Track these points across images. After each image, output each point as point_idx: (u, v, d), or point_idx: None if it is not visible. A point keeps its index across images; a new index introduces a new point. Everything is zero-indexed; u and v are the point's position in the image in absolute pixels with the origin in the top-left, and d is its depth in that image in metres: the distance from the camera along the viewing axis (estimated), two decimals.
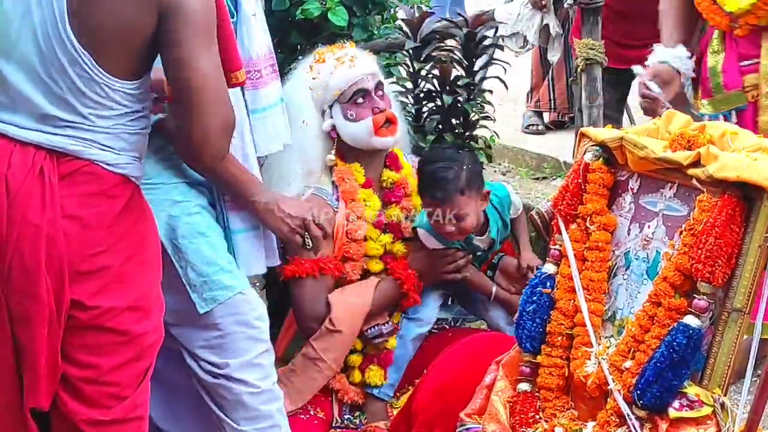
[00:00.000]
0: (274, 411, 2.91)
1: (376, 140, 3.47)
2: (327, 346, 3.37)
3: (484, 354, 3.14)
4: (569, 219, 2.76)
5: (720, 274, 2.40)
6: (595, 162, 2.73)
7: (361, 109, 3.45)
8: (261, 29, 2.90)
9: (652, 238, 2.63)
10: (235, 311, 2.83)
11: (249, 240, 2.93)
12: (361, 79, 3.45)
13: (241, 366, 2.84)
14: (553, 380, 2.72)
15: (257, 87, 2.88)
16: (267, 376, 2.89)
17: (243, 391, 2.84)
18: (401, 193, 3.59)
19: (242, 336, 2.84)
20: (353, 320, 3.39)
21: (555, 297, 2.76)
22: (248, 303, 2.85)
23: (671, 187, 2.61)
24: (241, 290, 2.84)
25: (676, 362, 2.42)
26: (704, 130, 2.59)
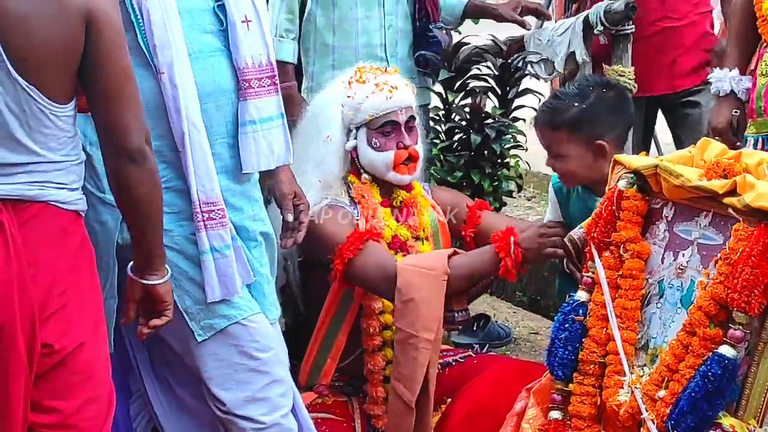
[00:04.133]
0: None
1: (393, 175, 3.48)
2: (410, 319, 3.21)
3: (512, 381, 3.13)
4: (602, 246, 2.74)
5: (756, 304, 2.38)
6: (629, 189, 2.72)
7: (387, 140, 3.46)
8: (257, 39, 2.77)
9: (687, 267, 2.61)
10: (234, 341, 2.77)
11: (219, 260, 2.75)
12: (395, 111, 3.45)
13: (245, 402, 2.79)
14: (585, 408, 2.70)
15: (246, 98, 2.76)
16: (273, 410, 2.83)
17: (248, 427, 2.80)
18: (410, 212, 3.58)
19: (243, 368, 2.78)
20: (424, 284, 3.24)
21: (588, 325, 2.74)
22: (249, 333, 2.78)
23: (706, 216, 2.59)
24: (241, 319, 2.77)
25: (711, 392, 2.39)
26: (740, 158, 2.57)
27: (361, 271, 3.31)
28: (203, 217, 2.66)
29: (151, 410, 2.96)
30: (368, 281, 3.33)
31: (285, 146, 2.86)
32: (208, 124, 2.69)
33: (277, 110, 2.83)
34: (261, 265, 2.87)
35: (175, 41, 2.63)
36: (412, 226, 3.56)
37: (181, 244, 2.71)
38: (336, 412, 3.56)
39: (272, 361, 2.84)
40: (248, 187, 2.85)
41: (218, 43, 2.73)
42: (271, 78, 2.79)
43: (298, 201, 3.11)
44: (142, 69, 2.60)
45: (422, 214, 3.60)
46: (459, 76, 4.04)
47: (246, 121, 2.76)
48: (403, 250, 3.53)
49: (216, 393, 2.80)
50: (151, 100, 2.61)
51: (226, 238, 2.68)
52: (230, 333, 2.76)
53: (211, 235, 2.66)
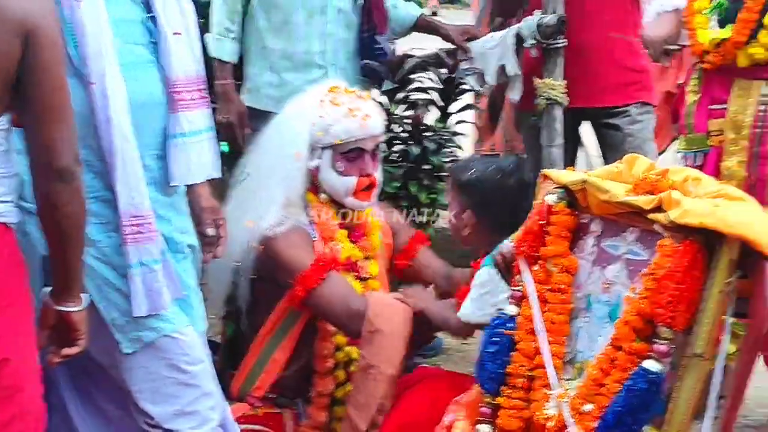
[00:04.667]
0: None
1: (351, 201, 3.48)
2: (375, 350, 3.22)
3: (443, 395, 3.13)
4: (531, 260, 2.77)
5: (681, 319, 2.41)
6: (557, 204, 2.75)
7: (351, 165, 3.45)
8: (186, 51, 2.75)
9: (614, 282, 2.64)
10: (163, 354, 2.72)
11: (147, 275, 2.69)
12: (365, 140, 3.45)
13: (173, 416, 2.74)
14: (513, 422, 2.71)
15: (176, 111, 2.72)
16: (203, 423, 2.78)
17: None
18: (361, 233, 3.57)
19: (172, 381, 2.73)
20: (394, 319, 3.26)
21: (516, 338, 2.75)
22: (179, 346, 2.73)
23: (633, 231, 2.62)
24: (170, 332, 2.72)
25: (636, 407, 2.42)
26: (666, 174, 2.61)
27: (323, 302, 3.31)
28: (132, 230, 2.62)
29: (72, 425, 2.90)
30: (330, 313, 3.33)
31: (213, 159, 2.83)
32: (138, 136, 2.65)
33: (206, 123, 2.80)
34: (189, 277, 2.84)
35: (106, 52, 2.59)
36: (363, 247, 3.56)
37: (109, 255, 2.67)
38: (268, 424, 3.53)
39: (202, 375, 2.80)
40: (176, 199, 2.81)
41: (149, 55, 2.70)
42: (200, 91, 2.77)
43: (216, 215, 3.09)
44: (73, 79, 2.56)
45: (373, 235, 3.60)
46: (402, 88, 4.04)
47: (176, 134, 2.72)
48: (354, 270, 3.52)
49: (144, 407, 2.75)
50: (81, 110, 2.56)
51: (154, 253, 2.65)
52: (159, 346, 2.72)
53: (139, 249, 2.63)
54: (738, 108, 3.58)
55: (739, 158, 3.58)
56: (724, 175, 3.59)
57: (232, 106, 4.16)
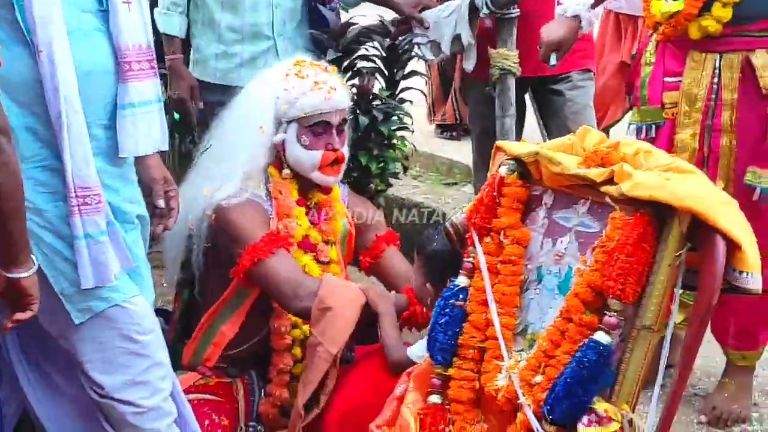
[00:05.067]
0: (163, 428, 2.80)
1: (317, 175, 3.45)
2: (322, 328, 3.20)
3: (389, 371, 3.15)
4: (483, 232, 2.76)
5: (631, 292, 2.42)
6: (509, 176, 2.74)
7: (317, 139, 3.43)
8: (136, 20, 2.70)
9: (565, 254, 2.64)
10: (113, 324, 2.70)
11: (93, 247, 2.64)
12: (330, 113, 3.42)
13: (124, 385, 2.73)
14: (464, 393, 2.72)
15: (126, 81, 2.68)
16: (154, 393, 2.78)
17: (127, 411, 2.74)
18: (324, 215, 3.55)
19: (123, 351, 2.71)
20: (345, 298, 3.25)
21: (468, 310, 2.76)
22: (129, 316, 2.71)
23: (584, 204, 2.62)
24: (120, 302, 2.69)
25: (585, 378, 2.43)
26: (618, 147, 2.61)
27: (269, 274, 3.27)
28: (78, 201, 2.58)
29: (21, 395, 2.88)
30: (275, 287, 3.29)
31: (161, 131, 2.79)
32: (86, 106, 2.61)
33: (155, 95, 2.76)
34: (138, 248, 2.81)
35: (54, 19, 2.54)
36: (324, 230, 3.54)
37: (56, 225, 2.63)
38: (219, 393, 3.53)
39: (153, 344, 2.78)
40: (125, 169, 2.77)
41: (98, 23, 2.65)
42: (150, 62, 2.72)
43: (168, 186, 3.05)
44: (19, 46, 2.51)
45: (336, 219, 3.57)
46: (346, 56, 4.00)
47: (125, 104, 2.68)
48: (312, 251, 3.50)
49: (94, 377, 2.73)
50: (28, 78, 2.52)
51: (101, 224, 2.61)
52: (109, 316, 2.69)
53: (85, 221, 2.59)
54: (692, 80, 3.59)
55: (692, 131, 3.60)
56: (677, 147, 3.61)
57: (183, 81, 4.13)
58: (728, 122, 3.54)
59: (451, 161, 6.54)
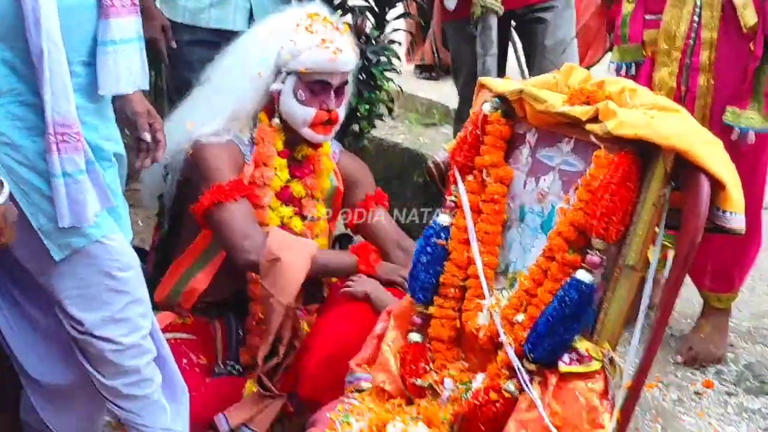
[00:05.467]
0: (142, 365, 2.78)
1: (307, 132, 3.40)
2: (272, 279, 3.18)
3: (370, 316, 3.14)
4: (466, 170, 2.74)
5: (614, 231, 2.41)
6: (493, 114, 2.71)
7: (313, 97, 3.37)
8: None
9: (548, 193, 2.63)
10: (93, 261, 2.66)
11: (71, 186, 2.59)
12: (332, 74, 3.35)
13: (103, 322, 2.70)
14: (445, 331, 2.71)
15: (108, 17, 2.62)
16: (133, 330, 2.75)
17: (106, 348, 2.72)
18: (309, 169, 3.50)
19: (103, 288, 2.68)
20: (293, 249, 3.23)
21: (449, 248, 2.74)
22: (109, 252, 2.67)
23: (568, 142, 2.60)
24: (100, 238, 2.65)
25: (567, 317, 2.42)
26: (603, 85, 2.58)
27: (224, 219, 3.23)
28: (57, 139, 2.53)
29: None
30: (227, 233, 3.25)
31: (142, 70, 2.73)
32: (67, 41, 2.55)
33: (137, 32, 2.71)
34: (116, 186, 2.77)
35: None
36: (308, 185, 3.49)
37: (34, 161, 2.58)
38: (196, 332, 3.51)
39: (132, 281, 2.75)
40: (102, 105, 2.73)
41: None
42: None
43: (152, 119, 3.01)
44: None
45: (322, 176, 3.52)
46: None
47: (107, 41, 2.63)
48: (294, 205, 3.46)
49: (73, 313, 2.70)
50: (8, 12, 2.47)
51: (79, 163, 2.56)
52: (89, 252, 2.66)
53: (63, 159, 2.53)
54: (672, 19, 3.57)
55: (670, 69, 3.58)
56: (655, 86, 3.60)
57: (155, 21, 4.01)
58: (707, 61, 3.53)
59: (429, 102, 6.50)
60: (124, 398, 2.80)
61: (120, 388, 2.78)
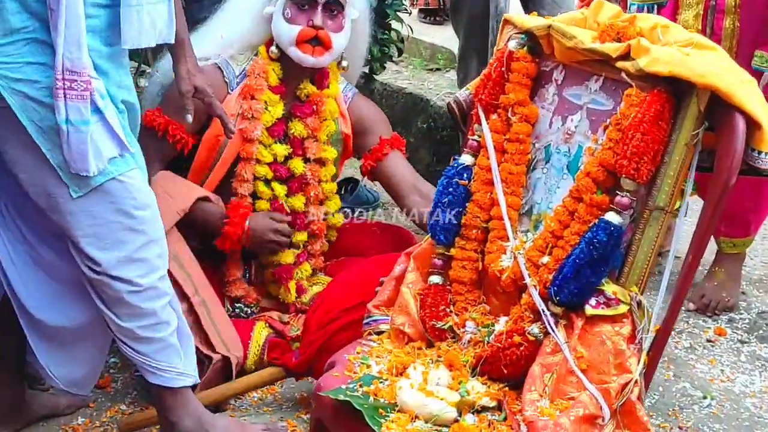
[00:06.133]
0: (158, 308, 2.72)
1: (294, 51, 3.33)
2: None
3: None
4: (490, 109, 2.66)
5: (645, 171, 2.34)
6: (519, 50, 2.63)
7: (300, 14, 3.31)
8: None
9: (575, 132, 2.56)
10: (111, 198, 2.60)
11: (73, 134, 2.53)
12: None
13: (120, 262, 2.64)
14: (466, 274, 2.65)
15: None
16: (151, 271, 2.69)
17: (123, 289, 2.66)
18: (311, 110, 3.42)
19: (119, 226, 2.62)
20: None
21: (472, 189, 2.67)
22: (127, 190, 2.61)
23: (597, 80, 2.53)
24: (117, 176, 2.59)
25: (595, 259, 2.36)
26: (634, 21, 2.51)
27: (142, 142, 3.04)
28: (65, 84, 2.45)
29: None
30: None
31: (168, 23, 2.66)
32: None
33: None
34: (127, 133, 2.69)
35: None
36: (309, 125, 3.42)
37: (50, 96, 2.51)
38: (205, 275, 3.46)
39: (150, 220, 2.69)
40: (116, 51, 2.64)
41: None
42: None
43: (201, 95, 2.98)
44: None
45: (325, 118, 3.45)
46: None
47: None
48: (294, 146, 3.41)
49: (89, 252, 2.63)
50: None
51: (84, 113, 2.48)
52: (107, 189, 2.59)
53: (69, 106, 2.46)
54: None
55: (695, 11, 3.50)
56: None
57: None
58: (732, 3, 3.45)
59: (434, 46, 6.38)
60: (139, 341, 2.75)
61: (136, 330, 2.73)
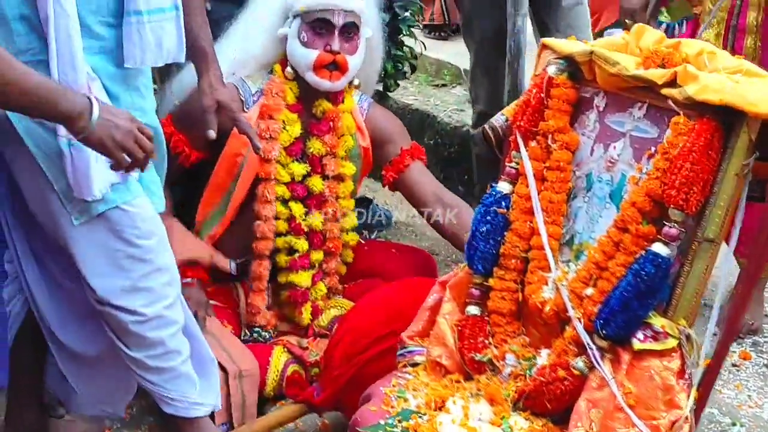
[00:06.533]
0: (166, 337, 2.66)
1: (311, 76, 3.29)
2: None
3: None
4: (529, 136, 2.60)
5: (694, 202, 2.28)
6: (559, 76, 2.57)
7: (316, 38, 3.27)
8: None
9: (618, 160, 2.50)
10: (112, 227, 2.54)
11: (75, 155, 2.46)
12: (333, 11, 3.25)
13: (123, 291, 2.58)
14: (506, 304, 2.59)
15: None
16: (156, 300, 2.62)
17: (128, 319, 2.60)
18: (328, 126, 3.38)
19: (122, 255, 2.56)
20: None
21: (510, 218, 2.61)
22: (130, 219, 2.55)
23: (641, 107, 2.47)
24: (120, 204, 2.53)
25: (643, 292, 2.30)
26: (679, 47, 2.45)
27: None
28: None
29: (27, 293, 2.73)
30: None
31: (177, 42, 2.58)
32: (86, 2, 2.41)
33: (171, 1, 2.55)
34: None
35: None
36: (327, 142, 3.37)
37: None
38: (219, 299, 3.42)
39: (155, 248, 2.62)
40: (129, 72, 2.57)
41: None
42: None
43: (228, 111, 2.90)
44: None
45: (342, 133, 3.40)
46: None
47: (131, 11, 2.48)
48: (313, 164, 3.37)
49: (90, 281, 2.57)
50: None
51: None
52: (108, 218, 2.53)
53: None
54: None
55: (716, 30, 3.48)
56: None
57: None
58: (753, 23, 3.43)
59: (439, 62, 6.36)
60: (150, 370, 2.70)
61: (145, 360, 2.68)
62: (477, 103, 4.47)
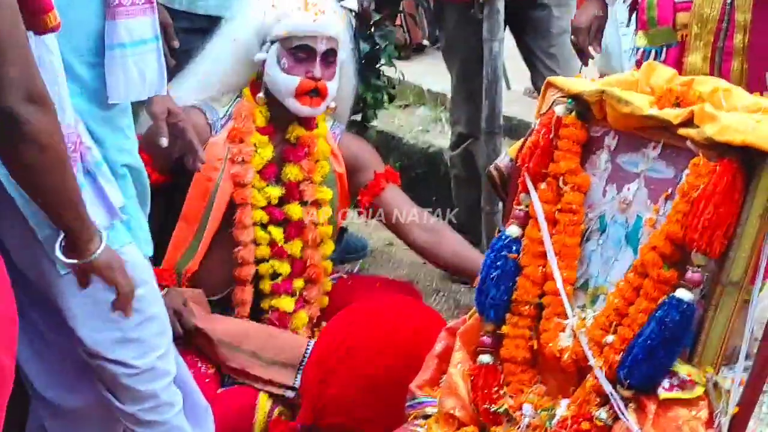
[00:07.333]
0: (160, 389, 2.58)
1: (292, 103, 3.23)
2: None
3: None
4: (538, 178, 2.53)
5: (718, 245, 2.21)
6: (568, 116, 2.50)
7: (297, 65, 3.20)
8: None
9: (632, 202, 2.43)
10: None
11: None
12: (315, 38, 3.18)
13: (114, 343, 2.49)
14: (520, 352, 2.51)
15: (114, 17, 2.40)
16: (147, 351, 2.54)
17: (118, 371, 2.51)
18: (303, 152, 3.30)
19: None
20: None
21: (521, 263, 2.53)
22: None
23: (655, 147, 2.40)
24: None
25: (668, 340, 2.23)
26: (692, 85, 2.39)
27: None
28: None
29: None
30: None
31: (159, 74, 2.50)
32: (67, 39, 2.30)
33: (152, 32, 2.46)
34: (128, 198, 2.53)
35: None
36: (304, 168, 3.30)
37: None
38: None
39: (145, 297, 2.52)
40: (113, 113, 2.48)
41: None
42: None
43: (173, 119, 2.79)
44: None
45: (318, 158, 3.34)
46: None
47: (114, 44, 2.39)
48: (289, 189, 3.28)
49: (79, 333, 2.48)
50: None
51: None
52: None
53: None
54: (704, 1, 3.41)
55: (703, 54, 3.43)
56: (686, 71, 3.44)
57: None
58: (740, 45, 3.39)
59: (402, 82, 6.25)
60: (143, 425, 2.60)
61: (138, 414, 2.58)
62: (457, 125, 4.48)
